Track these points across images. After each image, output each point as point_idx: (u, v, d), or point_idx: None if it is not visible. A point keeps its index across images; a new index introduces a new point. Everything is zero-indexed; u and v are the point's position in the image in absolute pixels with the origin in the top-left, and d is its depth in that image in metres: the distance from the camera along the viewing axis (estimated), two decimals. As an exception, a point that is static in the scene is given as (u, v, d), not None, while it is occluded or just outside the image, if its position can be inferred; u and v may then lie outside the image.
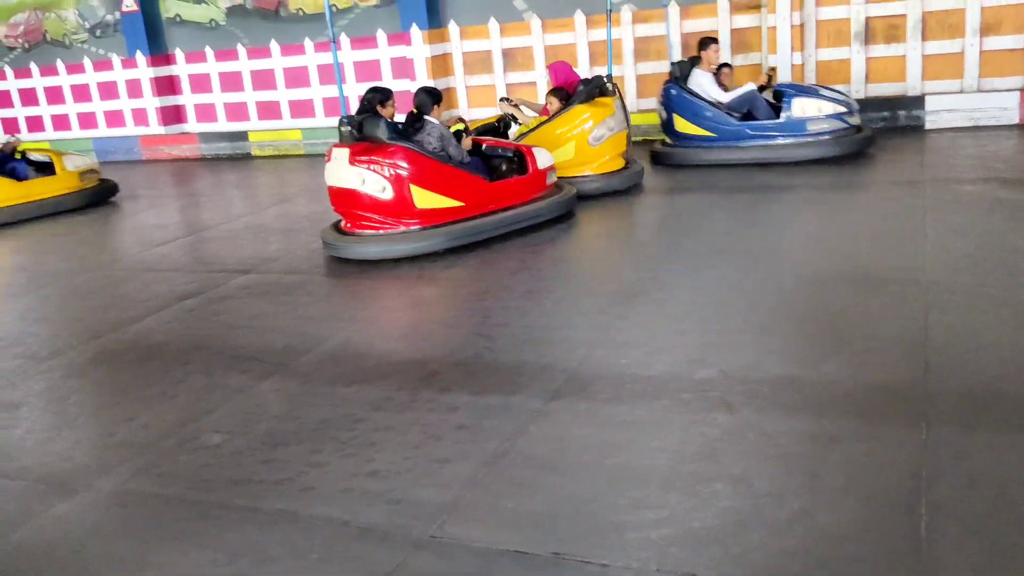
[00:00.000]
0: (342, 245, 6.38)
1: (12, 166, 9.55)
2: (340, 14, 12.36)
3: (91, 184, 9.86)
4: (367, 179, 6.23)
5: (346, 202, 6.45)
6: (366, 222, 6.41)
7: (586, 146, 7.57)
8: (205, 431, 3.84)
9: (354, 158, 6.28)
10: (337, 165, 6.39)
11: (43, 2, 14.30)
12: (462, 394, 3.97)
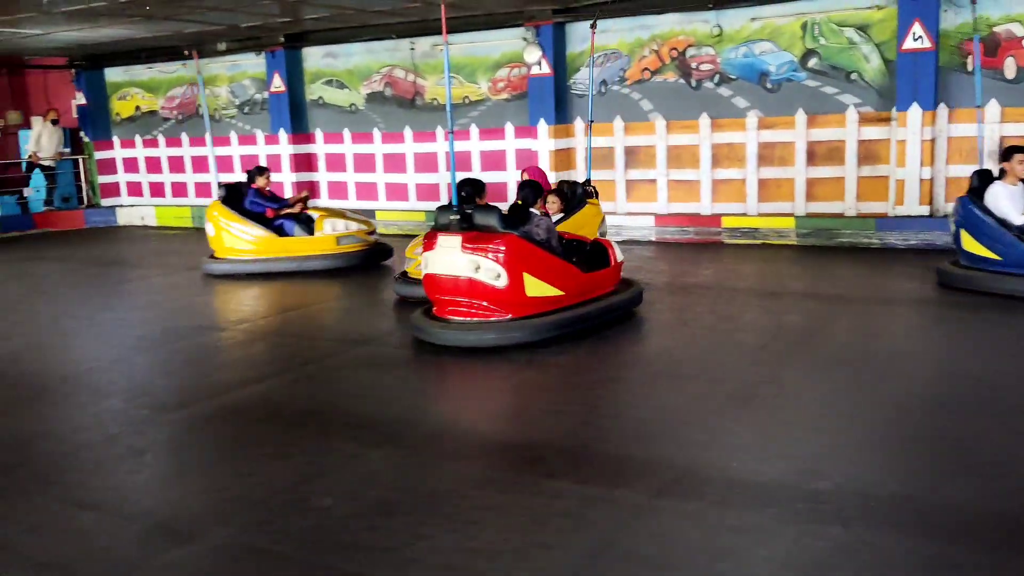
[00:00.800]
0: (438, 332, 6.33)
1: (281, 222, 10.07)
2: (472, 105, 12.88)
3: (350, 248, 9.99)
4: (482, 266, 6.21)
5: (450, 289, 6.37)
6: (463, 309, 6.36)
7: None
8: (316, 493, 3.95)
9: (467, 245, 6.25)
10: (445, 252, 6.35)
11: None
12: (566, 481, 3.97)
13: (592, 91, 9.47)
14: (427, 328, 6.41)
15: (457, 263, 6.29)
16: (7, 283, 10.39)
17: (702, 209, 11.46)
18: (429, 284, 6.52)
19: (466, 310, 6.37)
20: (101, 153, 16.47)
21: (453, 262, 6.31)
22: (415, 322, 6.58)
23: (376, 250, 10.18)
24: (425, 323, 6.47)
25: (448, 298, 6.43)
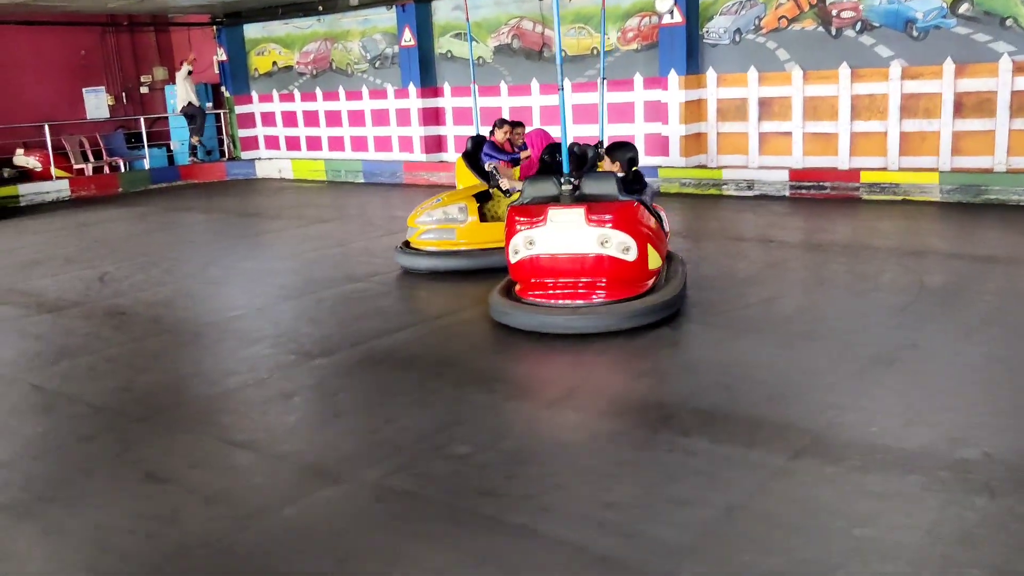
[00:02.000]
0: (549, 318, 5.62)
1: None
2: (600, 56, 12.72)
3: None
4: (610, 240, 5.62)
5: (569, 269, 5.72)
6: (582, 290, 5.72)
7: None
8: (455, 440, 4.09)
9: (592, 218, 5.63)
10: (562, 228, 5.67)
11: (333, 34, 15.78)
12: (701, 440, 3.98)
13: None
14: (527, 314, 5.67)
15: (580, 239, 5.64)
16: (158, 233, 11.03)
17: (839, 163, 11.05)
18: (535, 267, 5.77)
19: (585, 291, 5.72)
20: (241, 107, 17.14)
21: (575, 238, 5.65)
22: (498, 306, 5.87)
23: None
24: (524, 308, 5.73)
25: (566, 280, 5.73)
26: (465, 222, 7.68)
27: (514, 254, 5.85)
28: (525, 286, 5.90)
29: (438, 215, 7.77)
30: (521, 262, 5.85)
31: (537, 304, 5.74)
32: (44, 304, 7.29)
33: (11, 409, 4.93)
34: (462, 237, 7.68)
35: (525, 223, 5.78)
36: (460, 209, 7.73)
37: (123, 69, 17.50)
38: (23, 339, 6.33)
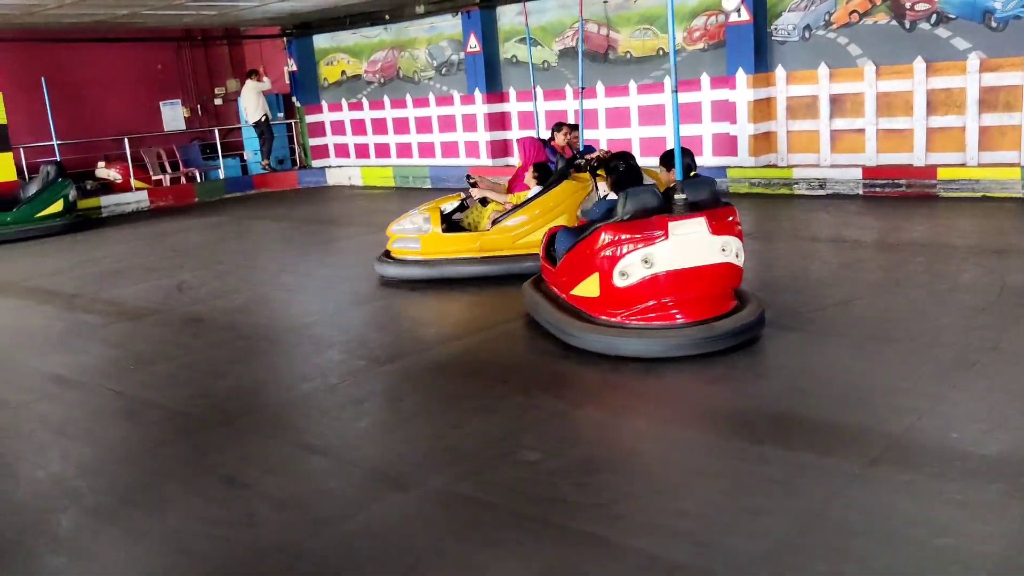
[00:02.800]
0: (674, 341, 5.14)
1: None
2: (667, 57, 12.62)
3: None
4: (729, 247, 5.23)
5: (695, 284, 5.21)
6: (700, 306, 5.24)
7: (575, 220, 7.64)
8: (523, 447, 4.10)
9: (714, 224, 5.19)
10: (689, 239, 5.13)
11: (400, 42, 15.97)
12: (775, 447, 3.91)
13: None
14: (644, 341, 5.16)
15: (706, 249, 5.18)
16: (232, 241, 11.31)
17: (915, 160, 10.75)
18: (656, 286, 5.16)
19: (709, 306, 5.26)
20: (311, 117, 17.46)
21: (701, 249, 5.17)
22: (596, 335, 5.32)
23: None
24: (638, 334, 5.21)
25: (689, 297, 5.23)
26: (427, 232, 7.86)
27: (622, 278, 5.15)
28: (635, 312, 5.25)
29: (406, 224, 7.99)
30: (636, 286, 5.16)
31: (652, 328, 5.20)
32: (125, 312, 7.53)
33: (94, 415, 5.10)
34: (425, 247, 7.84)
35: (639, 240, 5.10)
36: (424, 219, 7.90)
37: (197, 82, 18.00)
38: (105, 346, 6.55)
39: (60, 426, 4.93)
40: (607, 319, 5.34)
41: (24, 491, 4.10)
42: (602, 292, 5.29)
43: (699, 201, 5.27)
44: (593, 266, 5.29)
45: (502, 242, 7.67)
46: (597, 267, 5.25)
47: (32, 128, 14.51)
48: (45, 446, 4.64)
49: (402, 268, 7.83)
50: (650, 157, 12.81)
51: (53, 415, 5.12)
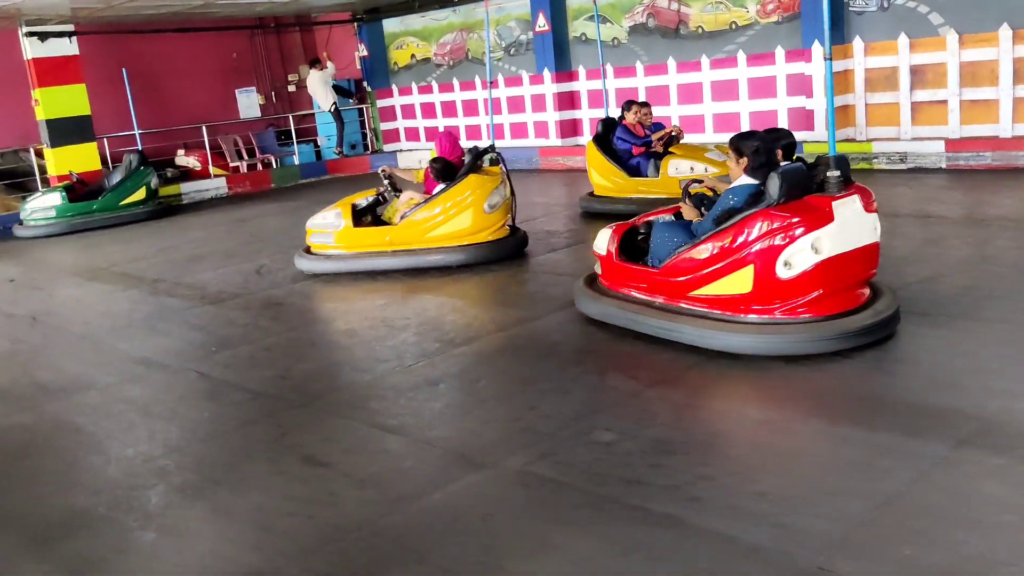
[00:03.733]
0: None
1: (638, 161, 9.44)
2: (740, 31, 12.37)
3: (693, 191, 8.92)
4: (877, 225, 4.93)
5: (859, 267, 4.84)
6: (852, 292, 4.85)
7: (482, 214, 7.69)
8: (598, 428, 4.09)
9: (866, 202, 4.83)
10: (850, 220, 4.72)
11: (468, 24, 15.97)
12: (856, 428, 3.82)
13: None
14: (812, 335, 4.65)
15: (862, 229, 4.81)
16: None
17: (1001, 131, 10.33)
18: (820, 274, 4.66)
19: (852, 296, 4.85)
20: (382, 101, 17.61)
21: (858, 230, 4.79)
22: (741, 333, 4.79)
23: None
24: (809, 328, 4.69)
25: (846, 285, 4.81)
26: (339, 227, 7.98)
27: (786, 268, 4.64)
28: (794, 306, 4.73)
29: (318, 220, 8.13)
30: (801, 276, 4.65)
31: (803, 323, 4.73)
32: (207, 296, 7.74)
33: (180, 396, 5.27)
34: (338, 241, 7.98)
35: (805, 225, 4.60)
36: (336, 215, 8.04)
37: (271, 69, 18.30)
38: (189, 330, 6.75)
39: (147, 406, 5.10)
40: (756, 317, 4.79)
41: (115, 468, 4.26)
42: (756, 287, 4.72)
43: (842, 178, 4.81)
44: (745, 259, 4.71)
45: (411, 236, 7.80)
46: (752, 259, 4.68)
47: (114, 118, 14.96)
48: (133, 426, 4.81)
49: (315, 262, 8.06)
50: (724, 133, 12.60)
51: (140, 396, 5.30)
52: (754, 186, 4.93)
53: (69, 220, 12.75)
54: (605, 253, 5.66)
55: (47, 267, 10.30)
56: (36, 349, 6.65)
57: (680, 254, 5.06)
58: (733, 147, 5.05)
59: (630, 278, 5.48)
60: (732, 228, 4.79)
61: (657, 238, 5.36)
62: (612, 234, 5.67)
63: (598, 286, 5.77)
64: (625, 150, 9.51)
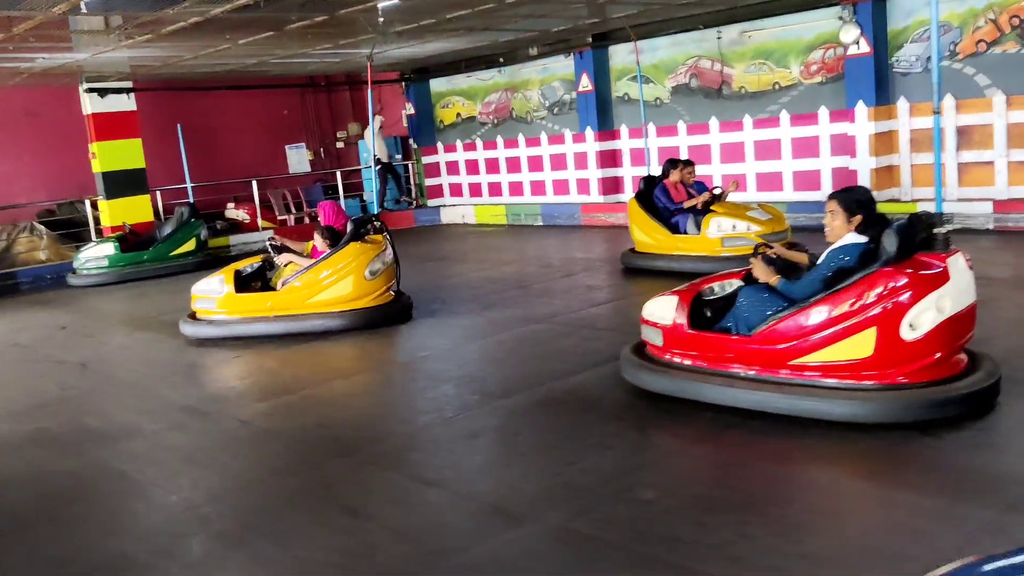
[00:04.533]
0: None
1: (677, 219, 9.45)
2: (783, 91, 12.44)
3: (735, 251, 8.68)
4: (974, 284, 4.73)
5: (962, 329, 4.57)
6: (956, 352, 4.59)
7: (363, 280, 7.91)
8: (639, 485, 4.05)
9: (969, 261, 4.67)
10: (959, 279, 4.50)
11: (513, 84, 16.26)
12: (901, 491, 3.75)
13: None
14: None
15: (968, 288, 4.62)
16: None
17: (1051, 193, 10.21)
18: (941, 335, 4.42)
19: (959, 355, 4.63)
20: (427, 158, 17.91)
21: (966, 288, 4.60)
22: (866, 401, 4.44)
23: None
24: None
25: (957, 346, 4.59)
26: (222, 293, 8.12)
27: (911, 330, 4.37)
28: (916, 370, 4.45)
29: (203, 286, 8.29)
30: (925, 338, 4.39)
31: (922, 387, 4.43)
32: (250, 345, 7.84)
33: (223, 444, 5.32)
34: (220, 306, 8.13)
35: (928, 282, 4.37)
36: (220, 280, 8.21)
37: (321, 126, 18.74)
38: (231, 378, 6.84)
39: (190, 454, 5.16)
40: (875, 383, 4.47)
41: (158, 515, 4.30)
42: (879, 350, 4.41)
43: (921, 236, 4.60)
44: (866, 321, 4.42)
45: (292, 302, 7.95)
46: (875, 321, 4.40)
47: (167, 171, 15.39)
48: (176, 473, 4.87)
49: (198, 327, 8.20)
50: (766, 192, 12.61)
51: (184, 443, 5.37)
52: (865, 244, 4.64)
53: (121, 270, 13.06)
54: (671, 323, 5.17)
55: (98, 315, 10.53)
56: (85, 395, 6.78)
57: (781, 319, 4.67)
58: (842, 204, 4.73)
59: (709, 348, 5.01)
60: (851, 289, 4.48)
61: (747, 303, 4.94)
62: (679, 303, 5.20)
63: (657, 358, 5.31)
64: (665, 208, 9.58)
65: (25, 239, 14.46)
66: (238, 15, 8.77)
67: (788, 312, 4.67)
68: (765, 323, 4.75)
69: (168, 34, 9.53)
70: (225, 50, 11.39)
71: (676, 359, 5.18)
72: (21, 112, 14.93)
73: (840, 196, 4.78)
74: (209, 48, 11.19)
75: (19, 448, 5.53)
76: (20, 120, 14.98)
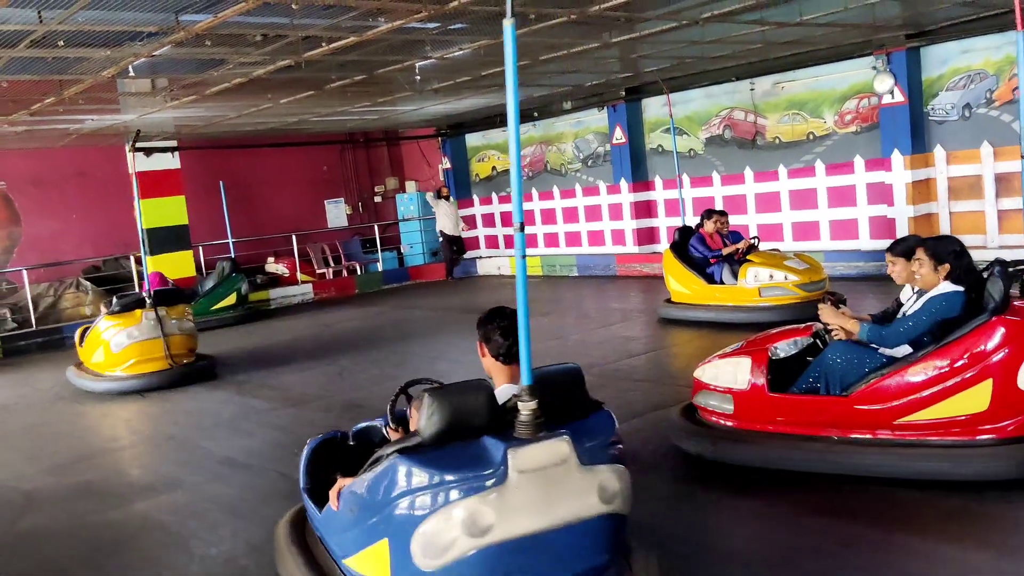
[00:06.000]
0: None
1: (712, 269, 9.41)
2: (817, 140, 12.47)
3: (772, 301, 8.81)
4: None
5: None
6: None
7: (110, 351, 9.00)
8: (674, 540, 4.02)
9: None
10: None
11: (547, 137, 16.47)
12: (942, 544, 3.68)
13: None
14: None
15: None
16: (389, 329, 11.75)
17: (1095, 239, 10.07)
18: None
19: None
20: (463, 210, 18.11)
21: None
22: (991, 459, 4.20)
23: (805, 303, 8.31)
24: None
25: None
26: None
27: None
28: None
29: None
30: None
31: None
32: (290, 398, 7.93)
33: (262, 497, 5.37)
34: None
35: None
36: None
37: (359, 181, 19.08)
38: (271, 430, 6.91)
39: (230, 506, 5.21)
40: (990, 438, 4.21)
41: (197, 567, 4.35)
42: (994, 402, 4.18)
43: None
44: (981, 373, 4.19)
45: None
46: (991, 371, 4.17)
47: (209, 227, 15.73)
48: (217, 525, 4.92)
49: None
50: (803, 241, 12.57)
51: (224, 495, 5.42)
52: (962, 293, 4.44)
53: (163, 324, 13.28)
54: (747, 387, 4.80)
55: (141, 369, 10.70)
56: (128, 448, 6.90)
57: (885, 376, 4.39)
58: (929, 252, 4.55)
59: (799, 412, 4.66)
60: (963, 340, 4.24)
61: (843, 361, 4.60)
62: (753, 364, 4.83)
63: (719, 425, 4.97)
64: (700, 258, 9.59)
65: (71, 295, 14.80)
66: (280, 75, 9.04)
67: (893, 368, 4.38)
68: (864, 381, 4.45)
69: (212, 95, 9.84)
70: (267, 109, 11.72)
71: (753, 426, 4.79)
72: (71, 171, 15.40)
73: (927, 244, 4.62)
74: (251, 107, 11.52)
75: (65, 500, 5.62)
76: (69, 179, 15.43)
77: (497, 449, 2.76)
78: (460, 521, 2.71)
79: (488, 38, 8.34)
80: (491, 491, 2.71)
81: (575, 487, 2.85)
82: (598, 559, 2.96)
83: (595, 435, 3.02)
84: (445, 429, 2.86)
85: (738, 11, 8.27)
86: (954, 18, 10.34)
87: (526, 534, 2.76)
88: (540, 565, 2.82)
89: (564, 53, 9.74)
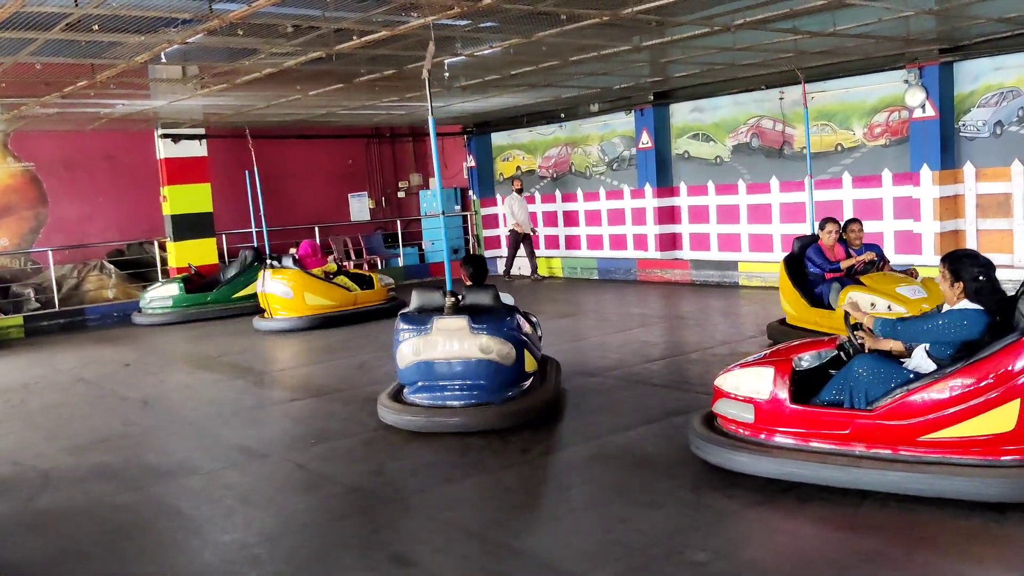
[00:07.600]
0: None
1: (821, 289, 8.17)
2: (846, 152, 12.38)
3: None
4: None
5: None
6: None
7: None
8: (691, 547, 4.00)
9: None
10: None
11: (573, 139, 16.43)
12: (965, 563, 3.64)
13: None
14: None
15: None
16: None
17: (1125, 262, 9.93)
18: None
19: None
20: (486, 209, 18.12)
21: None
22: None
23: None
24: None
25: None
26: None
27: None
28: None
29: None
30: None
31: None
32: (309, 389, 7.95)
33: (278, 486, 5.39)
34: None
35: None
36: None
37: (383, 175, 19.12)
38: (290, 421, 6.93)
39: (246, 494, 5.23)
40: (1014, 459, 4.16)
41: (211, 554, 4.36)
42: (1022, 422, 4.12)
43: None
44: (1010, 392, 4.11)
45: None
46: (1020, 392, 4.09)
47: (234, 215, 15.81)
48: (231, 512, 4.94)
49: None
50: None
51: (240, 483, 5.44)
52: (981, 312, 4.39)
53: (184, 310, 13.37)
54: (768, 397, 4.76)
55: (161, 354, 10.79)
56: (146, 432, 6.94)
57: (911, 391, 4.34)
58: (947, 267, 4.52)
59: (820, 425, 4.61)
60: (991, 359, 4.17)
61: (869, 374, 4.55)
62: (776, 374, 4.80)
63: (738, 435, 4.90)
64: (815, 273, 8.32)
65: (95, 277, 14.93)
66: (310, 67, 9.07)
67: (919, 384, 4.33)
68: (889, 396, 4.40)
69: (242, 84, 9.88)
70: (295, 100, 11.76)
71: (774, 437, 4.74)
72: (99, 155, 15.52)
73: (945, 259, 4.57)
74: (280, 98, 11.56)
75: (82, 481, 5.66)
76: (98, 163, 15.56)
77: (430, 318, 6.28)
78: (410, 346, 6.32)
79: (519, 37, 8.32)
80: (423, 336, 6.28)
81: (465, 342, 6.20)
82: (479, 382, 6.20)
83: (486, 321, 6.21)
84: (418, 307, 6.52)
85: (772, 19, 8.21)
86: (988, 34, 10.23)
87: (438, 359, 6.25)
88: (446, 376, 6.27)
89: (594, 55, 9.72)
